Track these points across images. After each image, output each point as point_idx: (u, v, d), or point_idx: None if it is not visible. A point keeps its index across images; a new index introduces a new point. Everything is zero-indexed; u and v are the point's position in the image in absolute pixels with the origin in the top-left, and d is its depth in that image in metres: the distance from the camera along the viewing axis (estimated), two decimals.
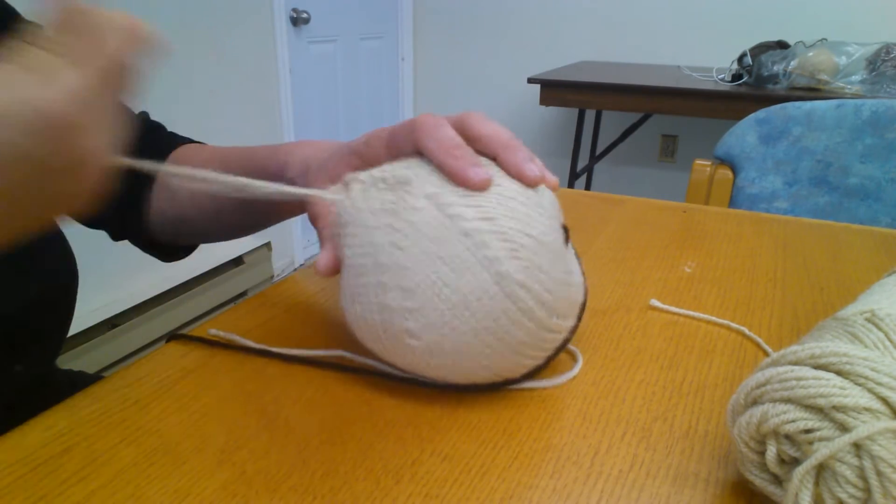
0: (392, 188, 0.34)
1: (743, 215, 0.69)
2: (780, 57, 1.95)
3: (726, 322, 0.46)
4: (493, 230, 0.32)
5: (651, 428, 0.35)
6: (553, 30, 2.77)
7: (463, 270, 0.32)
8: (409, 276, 0.32)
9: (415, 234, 0.32)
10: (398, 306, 0.33)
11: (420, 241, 0.32)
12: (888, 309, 0.29)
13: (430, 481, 0.31)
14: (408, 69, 3.04)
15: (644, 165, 2.83)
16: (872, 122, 0.96)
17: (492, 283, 0.32)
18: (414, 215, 0.33)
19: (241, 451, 0.32)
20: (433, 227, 0.32)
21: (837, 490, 0.25)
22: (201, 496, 0.30)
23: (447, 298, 0.32)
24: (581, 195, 0.76)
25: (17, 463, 0.31)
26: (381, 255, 0.33)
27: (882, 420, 0.25)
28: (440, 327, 0.33)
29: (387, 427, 0.34)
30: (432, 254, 0.32)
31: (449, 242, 0.32)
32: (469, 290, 0.32)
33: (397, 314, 0.33)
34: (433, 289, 0.32)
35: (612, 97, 2.12)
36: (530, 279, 0.32)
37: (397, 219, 0.33)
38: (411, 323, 0.33)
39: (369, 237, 0.34)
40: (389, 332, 0.34)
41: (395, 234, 0.33)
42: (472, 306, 0.32)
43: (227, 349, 0.42)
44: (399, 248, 0.33)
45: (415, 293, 0.32)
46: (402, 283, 0.33)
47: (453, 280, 0.32)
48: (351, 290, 0.35)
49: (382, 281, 0.33)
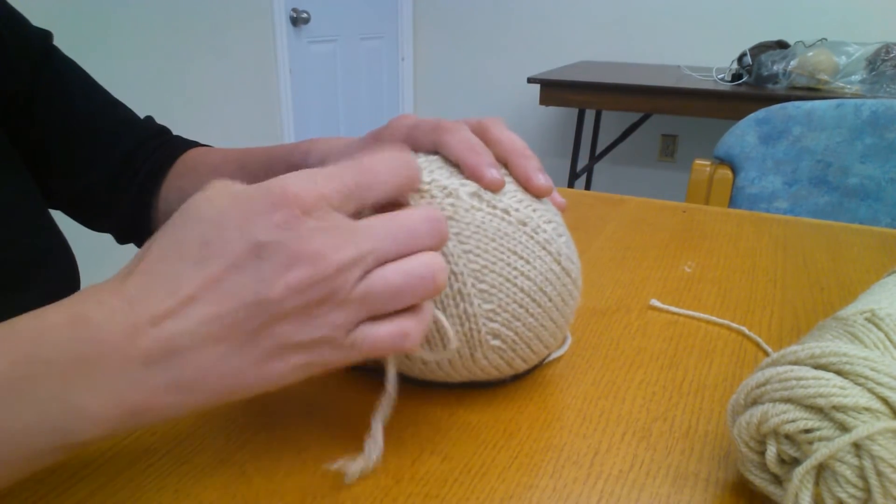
0: (440, 192, 0.33)
1: (743, 215, 0.69)
2: (779, 57, 1.95)
3: (726, 322, 0.46)
4: (537, 215, 0.34)
5: (651, 428, 0.35)
6: (553, 30, 2.77)
7: (532, 258, 0.33)
8: (487, 277, 0.32)
9: (479, 235, 0.33)
10: (480, 311, 0.33)
11: (486, 240, 0.33)
12: (888, 309, 0.29)
13: (430, 481, 0.31)
14: (408, 69, 3.04)
15: (644, 165, 2.83)
16: (872, 122, 0.96)
17: (553, 262, 0.34)
18: (473, 216, 0.33)
19: (241, 451, 0.32)
20: (493, 224, 0.33)
21: (837, 490, 0.25)
22: (201, 496, 0.30)
23: (523, 288, 0.33)
24: (581, 195, 0.76)
25: None
26: (456, 265, 0.32)
27: (882, 420, 0.25)
28: (522, 318, 0.34)
29: (387, 427, 0.34)
30: (504, 249, 0.33)
31: (511, 235, 0.33)
32: (539, 274, 0.34)
33: (481, 318, 0.33)
34: (511, 282, 0.33)
35: (612, 97, 2.12)
36: (572, 253, 0.36)
37: (458, 223, 0.33)
38: (495, 323, 0.33)
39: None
40: (473, 340, 0.33)
41: (462, 238, 0.32)
42: (546, 289, 0.34)
43: None
44: (470, 252, 0.32)
45: (492, 292, 0.33)
46: (480, 286, 0.32)
47: (526, 269, 0.33)
48: None
49: (461, 290, 0.33)
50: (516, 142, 0.36)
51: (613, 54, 2.70)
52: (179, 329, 0.24)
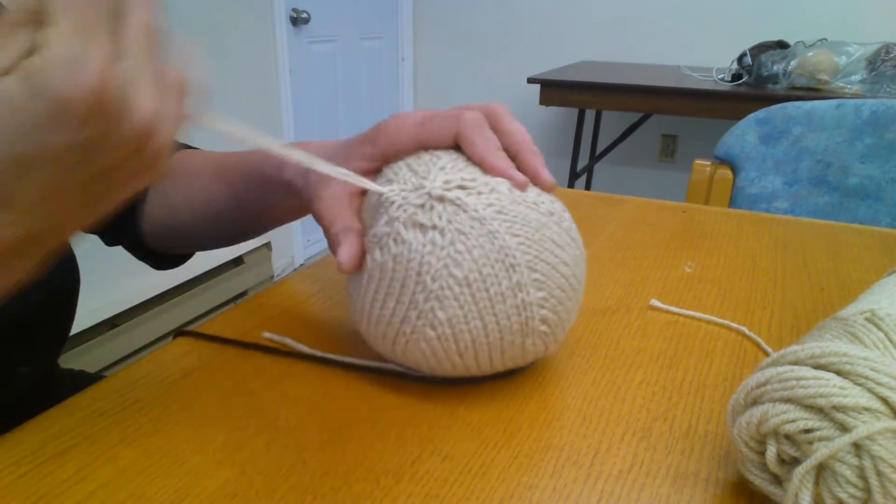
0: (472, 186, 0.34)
1: (743, 215, 0.69)
2: (779, 57, 1.95)
3: (726, 322, 0.46)
4: (556, 206, 0.36)
5: (651, 428, 0.35)
6: (553, 30, 2.77)
7: (564, 244, 0.35)
8: (538, 266, 0.34)
9: (526, 227, 0.34)
10: (535, 299, 0.34)
11: (531, 231, 0.34)
12: (888, 309, 0.29)
13: (430, 481, 0.31)
14: (408, 69, 3.04)
15: (644, 165, 2.83)
16: (872, 122, 0.96)
17: (577, 248, 0.37)
18: (517, 209, 0.34)
19: (241, 451, 0.32)
20: (532, 216, 0.34)
21: (837, 490, 0.25)
22: (201, 496, 0.30)
23: (564, 274, 0.35)
24: (581, 195, 0.76)
25: (17, 463, 0.31)
26: (514, 257, 0.33)
27: (882, 420, 0.25)
28: (564, 302, 0.36)
29: (387, 427, 0.34)
30: (546, 238, 0.34)
31: (547, 225, 0.35)
32: (571, 259, 0.36)
33: (535, 307, 0.34)
34: (556, 270, 0.35)
35: (612, 97, 2.12)
36: (579, 235, 0.38)
37: (507, 216, 0.34)
38: (545, 310, 0.35)
39: (492, 243, 0.33)
40: (527, 328, 0.34)
41: (514, 231, 0.34)
42: (577, 273, 0.36)
43: (228, 349, 0.42)
44: (523, 244, 0.34)
45: (543, 281, 0.34)
46: (534, 276, 0.34)
47: (563, 255, 0.35)
48: (476, 307, 0.33)
49: (519, 282, 0.33)
50: (524, 135, 0.37)
51: (613, 54, 2.70)
52: None
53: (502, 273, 0.33)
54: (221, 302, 1.90)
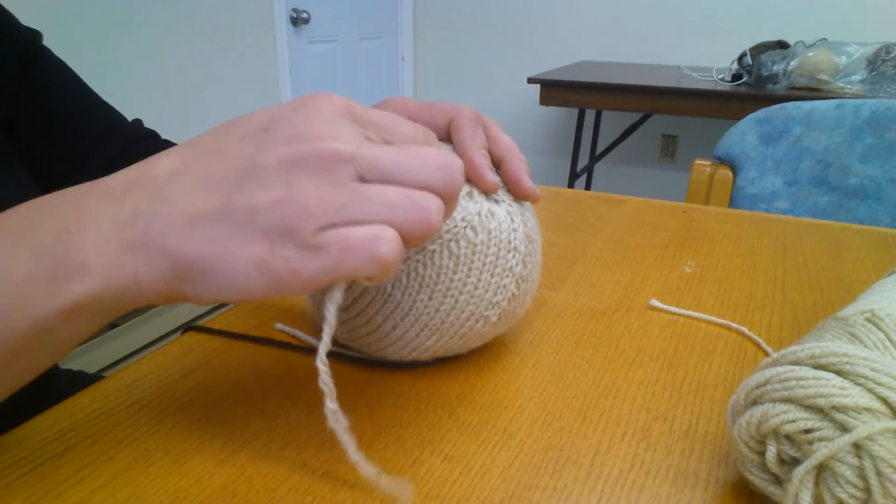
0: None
1: (743, 215, 0.69)
2: (780, 57, 1.95)
3: (726, 322, 0.46)
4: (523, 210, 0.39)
5: (651, 428, 0.35)
6: (553, 30, 2.77)
7: (536, 229, 0.40)
8: (532, 245, 0.38)
9: (524, 210, 0.38)
10: (532, 276, 0.39)
11: (529, 214, 0.39)
12: (888, 309, 0.29)
13: (430, 481, 0.31)
14: (408, 69, 3.04)
15: (644, 165, 2.83)
16: (872, 122, 0.96)
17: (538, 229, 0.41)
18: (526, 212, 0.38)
19: (241, 451, 0.32)
20: (519, 205, 0.38)
21: (837, 490, 0.25)
22: (201, 496, 0.30)
23: (539, 251, 0.40)
24: (581, 195, 0.76)
25: (18, 463, 0.31)
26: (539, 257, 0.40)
27: (882, 420, 0.25)
28: (537, 276, 0.41)
29: (387, 427, 0.34)
30: (532, 221, 0.39)
31: (528, 210, 0.39)
32: (536, 233, 0.40)
33: (531, 282, 0.39)
34: (539, 246, 0.40)
35: (612, 97, 2.12)
36: None
37: (510, 204, 0.37)
38: (532, 284, 0.39)
39: (536, 247, 0.39)
40: (527, 299, 0.39)
41: (533, 232, 0.39)
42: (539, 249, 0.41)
43: (228, 350, 0.42)
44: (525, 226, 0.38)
45: (532, 256, 0.38)
46: (527, 252, 0.38)
47: (538, 237, 0.40)
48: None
49: (524, 260, 0.38)
50: (513, 146, 0.38)
51: (613, 54, 2.70)
52: (173, 184, 0.27)
53: (536, 272, 0.40)
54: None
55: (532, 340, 0.43)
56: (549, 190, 0.77)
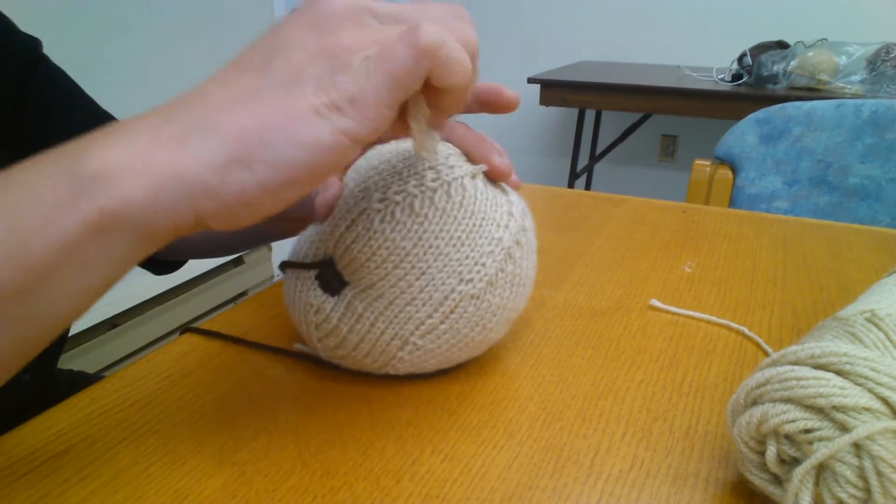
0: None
1: (743, 215, 0.69)
2: (779, 57, 1.95)
3: (726, 322, 0.46)
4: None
5: (651, 428, 0.35)
6: (553, 30, 2.77)
7: (530, 231, 0.40)
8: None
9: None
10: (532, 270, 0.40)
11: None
12: (888, 309, 0.29)
13: (430, 481, 0.31)
14: None
15: (644, 165, 2.83)
16: (872, 122, 0.96)
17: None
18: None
19: (241, 451, 0.32)
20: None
21: (837, 490, 0.25)
22: (201, 496, 0.30)
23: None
24: (581, 195, 0.76)
25: (18, 463, 0.31)
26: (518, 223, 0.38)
27: (882, 420, 0.25)
28: None
29: (387, 427, 0.34)
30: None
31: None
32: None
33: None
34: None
35: (612, 97, 2.12)
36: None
37: (510, 195, 0.38)
38: (519, 288, 0.39)
39: (530, 236, 0.39)
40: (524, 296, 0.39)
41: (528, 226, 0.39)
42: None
43: (228, 350, 0.42)
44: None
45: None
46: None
47: None
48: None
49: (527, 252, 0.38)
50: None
51: (613, 54, 2.70)
52: (202, 89, 0.27)
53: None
54: (222, 301, 1.90)
55: (532, 340, 0.43)
56: (549, 190, 0.77)
